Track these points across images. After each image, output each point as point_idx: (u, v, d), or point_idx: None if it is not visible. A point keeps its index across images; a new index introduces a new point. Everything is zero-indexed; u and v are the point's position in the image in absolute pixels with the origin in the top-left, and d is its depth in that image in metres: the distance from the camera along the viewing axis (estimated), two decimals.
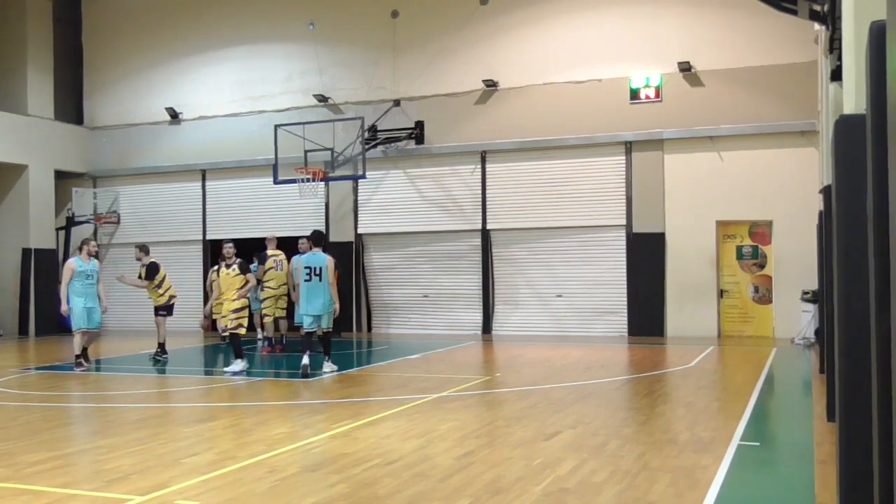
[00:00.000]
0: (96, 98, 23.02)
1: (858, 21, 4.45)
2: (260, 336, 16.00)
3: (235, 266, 12.74)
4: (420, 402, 9.36)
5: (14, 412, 9.31)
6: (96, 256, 13.78)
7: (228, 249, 12.94)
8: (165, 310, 14.35)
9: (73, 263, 13.04)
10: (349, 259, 19.93)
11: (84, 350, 13.06)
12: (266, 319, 15.25)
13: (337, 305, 11.99)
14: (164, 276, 14.38)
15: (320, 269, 11.86)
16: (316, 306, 11.82)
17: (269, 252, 15.36)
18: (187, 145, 21.77)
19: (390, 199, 19.81)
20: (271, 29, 21.02)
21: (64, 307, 12.86)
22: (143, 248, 14.53)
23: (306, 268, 11.91)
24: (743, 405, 9.03)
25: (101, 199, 22.43)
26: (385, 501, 5.47)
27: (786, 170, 16.68)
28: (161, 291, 14.29)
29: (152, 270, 14.22)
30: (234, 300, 12.56)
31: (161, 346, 14.19)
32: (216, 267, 14.15)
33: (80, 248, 13.30)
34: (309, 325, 11.98)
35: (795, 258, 16.41)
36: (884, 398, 2.84)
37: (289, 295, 14.69)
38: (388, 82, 19.78)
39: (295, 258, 13.97)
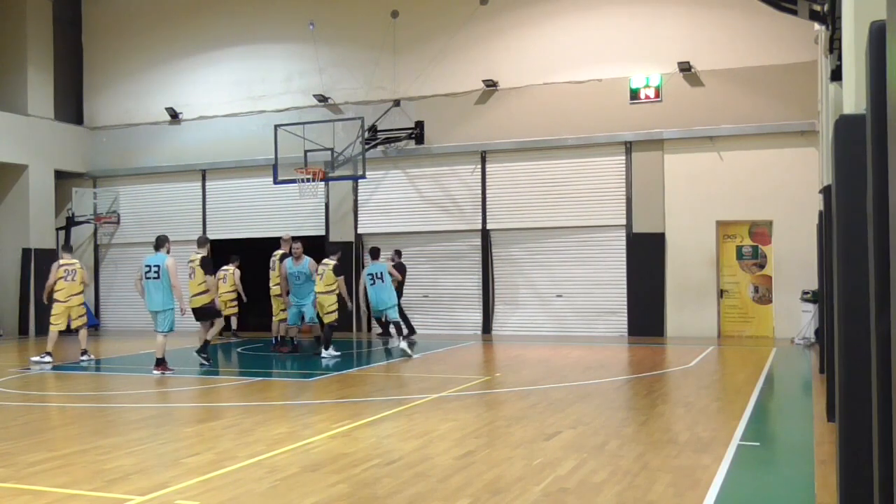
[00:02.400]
0: (96, 98, 23.02)
1: (858, 21, 4.45)
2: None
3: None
4: (420, 402, 9.36)
5: (14, 412, 9.31)
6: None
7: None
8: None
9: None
10: (349, 259, 19.93)
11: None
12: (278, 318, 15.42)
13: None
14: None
15: (381, 273, 14.70)
16: (383, 302, 14.55)
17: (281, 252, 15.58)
18: (187, 145, 21.77)
19: (390, 199, 19.81)
20: (271, 29, 21.02)
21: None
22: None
23: (369, 274, 14.74)
24: (743, 405, 9.03)
25: (101, 199, 22.42)
26: (385, 501, 5.48)
27: (786, 170, 16.68)
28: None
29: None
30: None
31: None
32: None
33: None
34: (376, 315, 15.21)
35: (795, 258, 16.41)
36: (884, 398, 2.84)
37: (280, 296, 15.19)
38: (388, 82, 19.78)
39: (287, 261, 14.34)
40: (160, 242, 12.89)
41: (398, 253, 18.23)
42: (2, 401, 10.06)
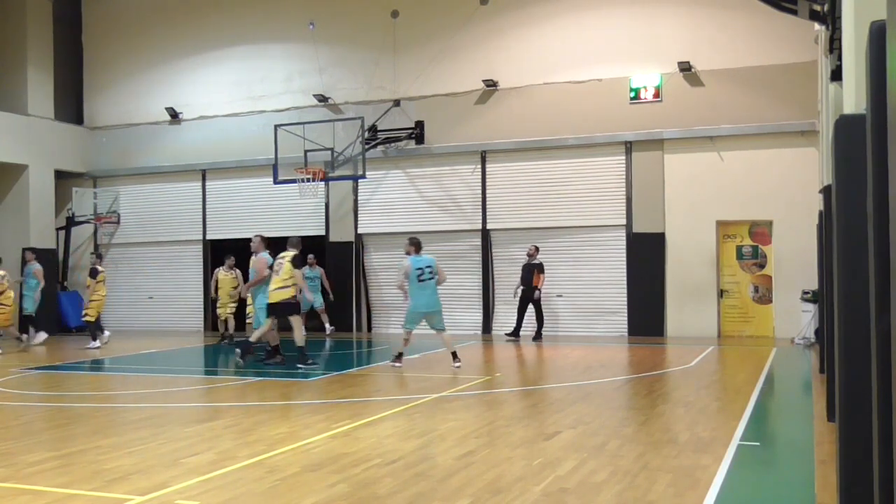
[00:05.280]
0: (96, 98, 23.03)
1: (858, 21, 4.45)
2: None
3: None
4: (420, 402, 9.36)
5: (14, 412, 9.31)
6: None
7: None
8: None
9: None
10: (349, 259, 19.94)
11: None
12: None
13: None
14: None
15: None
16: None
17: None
18: (187, 145, 21.77)
19: (390, 199, 19.81)
20: (271, 29, 21.02)
21: None
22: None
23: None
24: (743, 405, 9.03)
25: (101, 199, 22.43)
26: (385, 501, 5.47)
27: (786, 170, 16.69)
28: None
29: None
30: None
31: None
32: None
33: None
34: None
35: (795, 258, 16.42)
36: (884, 398, 2.84)
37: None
38: (388, 82, 19.78)
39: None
40: (420, 244, 12.85)
41: (536, 249, 17.78)
42: (2, 401, 10.06)
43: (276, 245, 16.08)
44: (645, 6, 17.90)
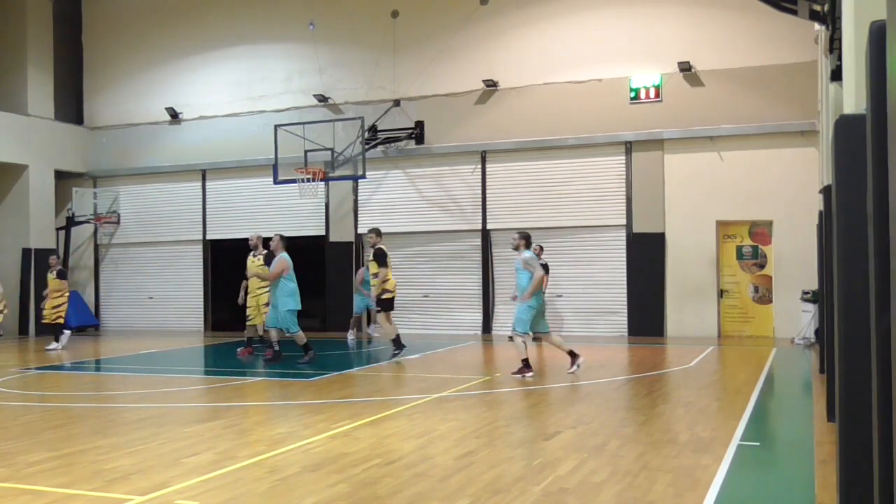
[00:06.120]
0: (96, 98, 23.02)
1: (858, 21, 4.45)
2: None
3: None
4: (420, 402, 9.36)
5: (14, 412, 9.31)
6: None
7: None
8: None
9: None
10: (349, 259, 19.94)
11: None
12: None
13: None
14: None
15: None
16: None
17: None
18: (187, 145, 21.77)
19: (390, 199, 19.81)
20: (271, 29, 21.02)
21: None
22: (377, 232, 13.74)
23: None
24: (743, 405, 9.03)
25: (101, 199, 22.43)
26: (385, 501, 5.47)
27: (786, 170, 16.69)
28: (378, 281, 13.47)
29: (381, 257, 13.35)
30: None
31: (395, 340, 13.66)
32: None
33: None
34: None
35: (795, 258, 16.42)
36: (884, 398, 2.84)
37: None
38: (388, 82, 19.78)
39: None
40: (530, 237, 11.97)
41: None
42: (2, 401, 10.06)
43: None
44: (645, 6, 17.90)
